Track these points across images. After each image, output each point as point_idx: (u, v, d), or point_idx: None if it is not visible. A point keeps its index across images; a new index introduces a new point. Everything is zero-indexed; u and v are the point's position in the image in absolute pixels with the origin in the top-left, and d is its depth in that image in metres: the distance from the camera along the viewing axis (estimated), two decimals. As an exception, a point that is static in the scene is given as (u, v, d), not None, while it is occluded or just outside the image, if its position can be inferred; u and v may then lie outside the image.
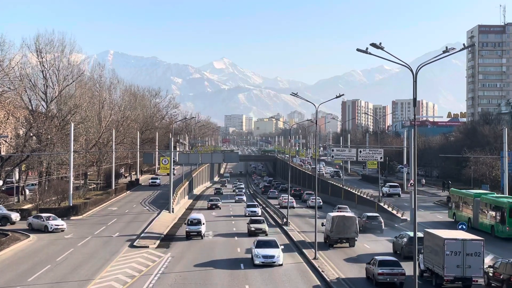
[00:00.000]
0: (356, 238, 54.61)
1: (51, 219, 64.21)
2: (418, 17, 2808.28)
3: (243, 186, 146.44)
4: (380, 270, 38.12)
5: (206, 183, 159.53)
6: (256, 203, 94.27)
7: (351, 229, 54.08)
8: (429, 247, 40.02)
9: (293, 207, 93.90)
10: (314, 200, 71.91)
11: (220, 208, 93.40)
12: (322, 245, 53.70)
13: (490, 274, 37.76)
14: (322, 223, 57.56)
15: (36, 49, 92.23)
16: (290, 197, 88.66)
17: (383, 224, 64.89)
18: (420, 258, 40.89)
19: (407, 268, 38.54)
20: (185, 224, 64.01)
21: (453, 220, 69.21)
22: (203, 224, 60.99)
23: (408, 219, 69.39)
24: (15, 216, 68.12)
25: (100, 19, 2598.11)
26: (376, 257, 40.30)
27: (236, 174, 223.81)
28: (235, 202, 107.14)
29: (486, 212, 63.01)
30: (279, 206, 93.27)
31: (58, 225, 63.27)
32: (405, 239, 48.36)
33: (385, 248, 52.87)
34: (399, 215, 72.63)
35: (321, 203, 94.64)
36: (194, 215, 66.08)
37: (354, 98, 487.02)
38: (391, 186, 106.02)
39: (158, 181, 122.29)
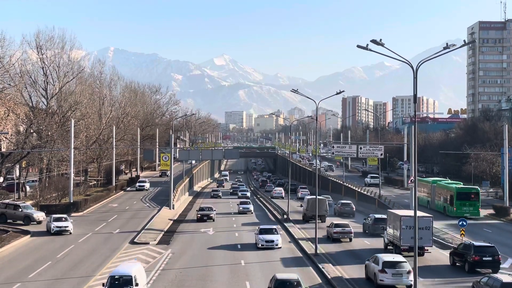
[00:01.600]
0: (326, 215, 69.78)
1: (61, 219, 59.17)
2: (419, 14, 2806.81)
3: (246, 189, 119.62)
4: (335, 230, 55.58)
5: (207, 180, 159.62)
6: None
7: (322, 208, 68.45)
8: (390, 224, 49.63)
9: (282, 198, 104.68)
10: (303, 192, 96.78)
11: (213, 220, 70.89)
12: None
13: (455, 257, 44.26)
14: (301, 204, 77.36)
15: (37, 46, 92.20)
16: (279, 188, 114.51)
17: (354, 209, 78.81)
18: (385, 234, 51.34)
19: (374, 242, 52.84)
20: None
21: (420, 205, 77.08)
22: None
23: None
24: (37, 215, 64.43)
25: (100, 15, 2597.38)
26: (333, 222, 57.58)
27: (237, 170, 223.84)
28: (239, 213, 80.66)
29: (440, 195, 77.31)
30: (270, 196, 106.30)
31: (60, 227, 58.42)
32: (371, 220, 60.65)
33: (356, 229, 61.76)
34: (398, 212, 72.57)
35: (309, 194, 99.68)
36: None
37: (354, 94, 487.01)
38: (372, 177, 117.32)
39: (146, 184, 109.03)
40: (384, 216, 56.14)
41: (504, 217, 72.21)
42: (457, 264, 43.75)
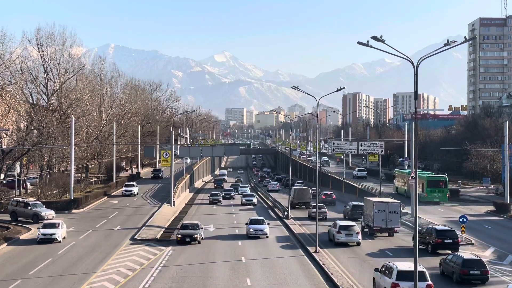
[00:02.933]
0: (309, 203, 78.67)
1: (50, 225, 52.41)
2: (419, 10, 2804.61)
3: (249, 191, 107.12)
4: (313, 210, 68.19)
5: (207, 177, 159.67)
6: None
7: (306, 196, 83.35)
8: (366, 210, 59.07)
9: (277, 191, 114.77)
10: (297, 185, 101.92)
11: (198, 242, 52.42)
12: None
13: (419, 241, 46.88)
14: (286, 191, 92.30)
15: (37, 43, 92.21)
16: (275, 182, 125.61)
17: (335, 199, 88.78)
18: (362, 218, 60.83)
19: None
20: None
21: (396, 192, 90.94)
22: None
23: (409, 212, 69.56)
24: (46, 213, 63.12)
25: (100, 12, 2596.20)
26: (313, 204, 70.43)
27: (237, 167, 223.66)
28: (248, 237, 56.65)
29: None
30: (266, 190, 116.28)
31: (46, 234, 51.12)
32: (349, 207, 70.21)
33: (338, 215, 72.93)
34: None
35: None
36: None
37: (355, 91, 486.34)
38: (359, 170, 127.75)
39: (134, 189, 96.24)
40: (361, 203, 65.50)
41: (505, 214, 72.22)
42: (420, 246, 45.87)
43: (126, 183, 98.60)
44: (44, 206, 66.30)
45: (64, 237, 53.07)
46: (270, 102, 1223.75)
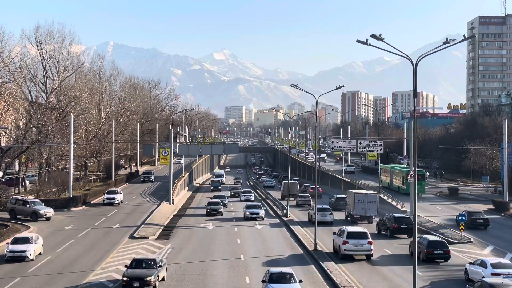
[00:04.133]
0: (297, 195, 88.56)
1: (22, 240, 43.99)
2: (419, 8, 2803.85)
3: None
4: (300, 199, 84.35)
5: (206, 175, 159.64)
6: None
7: (294, 189, 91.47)
8: (349, 201, 67.37)
9: (272, 187, 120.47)
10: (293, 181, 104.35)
11: None
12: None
13: (380, 226, 57.11)
14: (280, 187, 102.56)
15: (36, 40, 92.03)
16: (271, 179, 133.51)
17: (321, 192, 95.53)
18: (345, 208, 69.54)
19: (336, 214, 67.50)
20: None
21: (381, 186, 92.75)
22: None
23: (408, 210, 69.65)
24: (45, 211, 63.30)
25: (99, 10, 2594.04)
26: (300, 194, 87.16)
27: (236, 166, 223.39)
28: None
29: (396, 178, 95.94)
30: (263, 185, 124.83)
31: (15, 251, 42.57)
32: (334, 199, 79.63)
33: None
34: (399, 206, 73.38)
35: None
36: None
37: (354, 89, 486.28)
38: (347, 166, 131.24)
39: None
40: (344, 196, 75.16)
41: (504, 212, 72.23)
42: (382, 232, 56.68)
43: (109, 189, 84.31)
44: (43, 204, 66.30)
45: (40, 253, 44.91)
46: (269, 100, 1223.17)
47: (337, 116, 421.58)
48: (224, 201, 79.94)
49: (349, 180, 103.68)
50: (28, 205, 63.70)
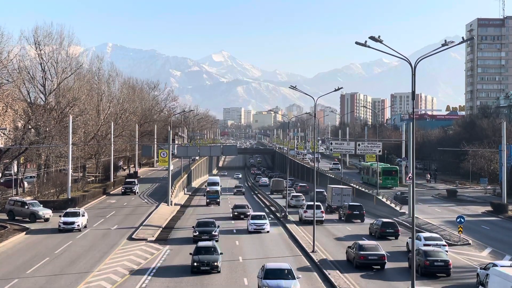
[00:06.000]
0: (283, 190, 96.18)
1: None
2: (417, 10, 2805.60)
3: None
4: (292, 201, 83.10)
5: (205, 176, 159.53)
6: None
7: (281, 185, 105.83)
8: (328, 194, 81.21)
9: (267, 186, 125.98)
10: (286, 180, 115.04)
11: None
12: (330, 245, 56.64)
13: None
14: (267, 183, 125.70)
15: (35, 42, 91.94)
16: (265, 178, 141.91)
17: (308, 189, 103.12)
18: (325, 201, 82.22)
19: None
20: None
21: (362, 181, 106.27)
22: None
23: (407, 212, 69.68)
24: (44, 212, 63.30)
25: (98, 11, 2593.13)
26: (293, 195, 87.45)
27: (235, 167, 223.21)
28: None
29: (373, 173, 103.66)
30: (258, 184, 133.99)
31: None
32: (312, 193, 79.96)
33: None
34: (397, 208, 73.10)
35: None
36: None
37: (353, 91, 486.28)
38: (334, 164, 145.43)
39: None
40: (322, 190, 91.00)
41: (502, 214, 72.24)
42: (342, 218, 70.40)
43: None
44: (42, 205, 66.23)
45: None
46: (268, 102, 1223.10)
47: (336, 118, 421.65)
48: (214, 233, 53.41)
49: (334, 177, 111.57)
50: (26, 206, 63.66)
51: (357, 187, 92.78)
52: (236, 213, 70.96)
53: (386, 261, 41.93)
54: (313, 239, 49.27)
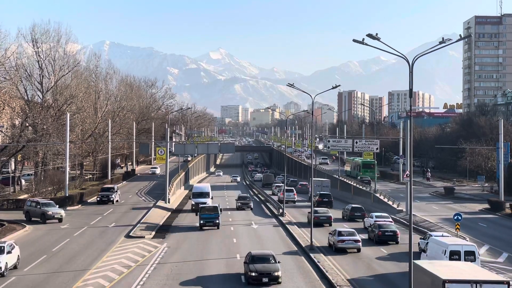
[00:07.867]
0: (272, 183, 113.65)
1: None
2: (415, 8, 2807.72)
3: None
4: (274, 188, 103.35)
5: (203, 174, 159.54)
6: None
7: (271, 180, 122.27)
8: (313, 186, 77.49)
9: (260, 180, 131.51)
10: (278, 178, 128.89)
11: None
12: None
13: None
14: (261, 178, 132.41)
15: (32, 39, 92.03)
16: (260, 174, 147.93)
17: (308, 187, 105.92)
18: (309, 192, 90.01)
19: (300, 196, 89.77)
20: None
21: (345, 175, 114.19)
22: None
23: (404, 209, 69.76)
24: (52, 211, 62.18)
25: (96, 9, 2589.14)
26: (274, 184, 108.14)
27: (232, 165, 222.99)
28: None
29: (355, 167, 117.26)
30: (253, 179, 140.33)
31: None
32: (298, 185, 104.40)
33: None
34: (394, 206, 73.36)
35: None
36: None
37: (350, 89, 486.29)
38: (322, 158, 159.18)
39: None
40: (305, 182, 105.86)
41: (499, 212, 72.37)
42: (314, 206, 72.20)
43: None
44: (58, 205, 64.87)
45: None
46: (265, 100, 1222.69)
47: (333, 116, 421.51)
48: None
49: (322, 171, 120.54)
50: (38, 207, 62.63)
51: (342, 178, 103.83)
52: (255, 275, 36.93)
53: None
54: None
